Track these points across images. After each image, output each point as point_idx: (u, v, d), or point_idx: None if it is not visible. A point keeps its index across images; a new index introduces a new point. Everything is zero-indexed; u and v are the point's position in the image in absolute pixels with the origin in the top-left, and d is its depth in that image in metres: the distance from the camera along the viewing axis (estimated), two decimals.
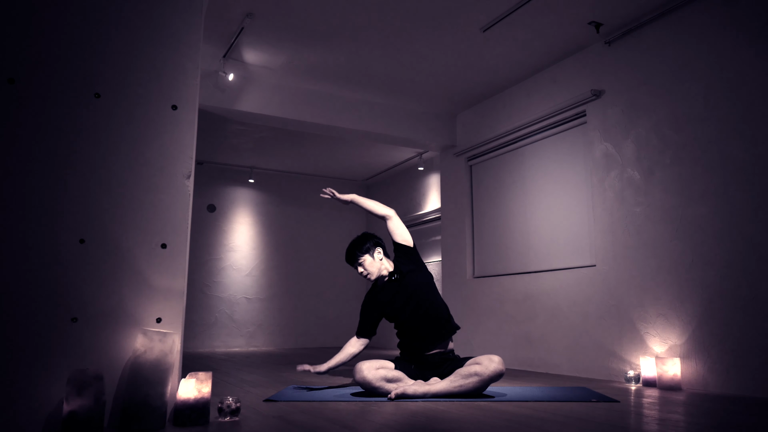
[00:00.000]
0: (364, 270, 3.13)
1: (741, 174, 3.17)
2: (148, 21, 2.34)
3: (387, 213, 3.21)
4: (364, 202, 3.27)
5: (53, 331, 2.00)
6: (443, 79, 4.86)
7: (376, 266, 3.14)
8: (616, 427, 2.14)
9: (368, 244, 3.16)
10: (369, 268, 3.13)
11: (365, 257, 3.13)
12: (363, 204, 3.27)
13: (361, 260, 3.13)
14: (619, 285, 3.82)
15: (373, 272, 3.14)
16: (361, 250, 3.14)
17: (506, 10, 3.75)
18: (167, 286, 2.21)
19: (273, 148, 6.88)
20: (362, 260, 3.13)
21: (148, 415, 1.98)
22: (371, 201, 3.27)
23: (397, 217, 3.22)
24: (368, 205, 3.26)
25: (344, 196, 3.28)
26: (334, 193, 3.28)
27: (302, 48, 4.33)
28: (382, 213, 3.22)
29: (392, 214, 3.21)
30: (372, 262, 3.13)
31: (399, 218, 3.23)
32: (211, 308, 7.26)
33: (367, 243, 3.16)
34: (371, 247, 3.15)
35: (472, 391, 2.79)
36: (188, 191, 2.31)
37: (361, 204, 3.27)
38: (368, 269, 3.13)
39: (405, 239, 3.20)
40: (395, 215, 3.22)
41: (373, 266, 3.13)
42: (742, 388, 3.04)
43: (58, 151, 2.11)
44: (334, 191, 3.28)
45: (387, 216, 3.21)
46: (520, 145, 4.93)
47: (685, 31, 3.55)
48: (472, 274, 5.37)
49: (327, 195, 3.30)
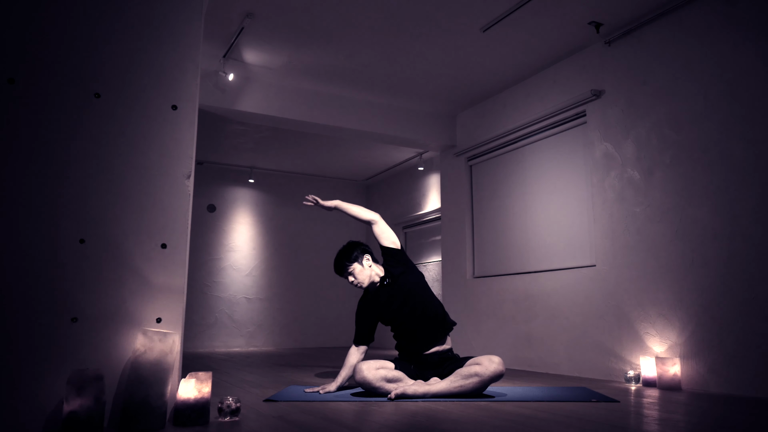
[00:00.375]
0: (354, 279, 3.08)
1: (741, 174, 3.17)
2: (148, 21, 2.34)
3: (372, 218, 3.18)
4: (348, 208, 3.22)
5: (53, 331, 2.00)
6: (443, 79, 4.86)
7: (366, 273, 3.09)
8: (616, 427, 2.14)
9: (356, 252, 3.11)
10: (359, 277, 3.08)
11: (354, 266, 3.08)
12: (347, 210, 3.21)
13: (351, 269, 3.08)
14: (619, 285, 3.82)
15: (363, 280, 3.09)
16: (350, 260, 3.09)
17: (506, 10, 3.75)
18: (167, 286, 2.21)
19: (273, 148, 6.87)
20: (352, 269, 3.08)
21: (148, 415, 1.98)
22: (356, 206, 3.23)
23: (382, 220, 3.19)
24: (353, 211, 3.21)
25: (328, 203, 3.22)
26: (317, 200, 3.20)
27: (302, 48, 4.33)
28: (368, 218, 3.18)
29: (377, 219, 3.18)
30: (362, 269, 3.09)
31: (384, 221, 3.20)
32: (211, 308, 7.26)
33: (355, 251, 3.11)
34: (359, 255, 3.11)
35: (472, 391, 2.80)
36: (188, 191, 2.31)
37: (346, 210, 3.21)
38: (358, 278, 3.08)
39: (393, 242, 3.17)
40: (380, 219, 3.19)
41: (363, 274, 3.09)
42: (742, 388, 3.04)
43: (58, 151, 2.11)
44: (317, 198, 3.20)
45: (372, 221, 3.18)
46: (520, 145, 4.93)
47: (685, 31, 3.55)
48: (472, 274, 5.37)
49: (310, 202, 3.21)
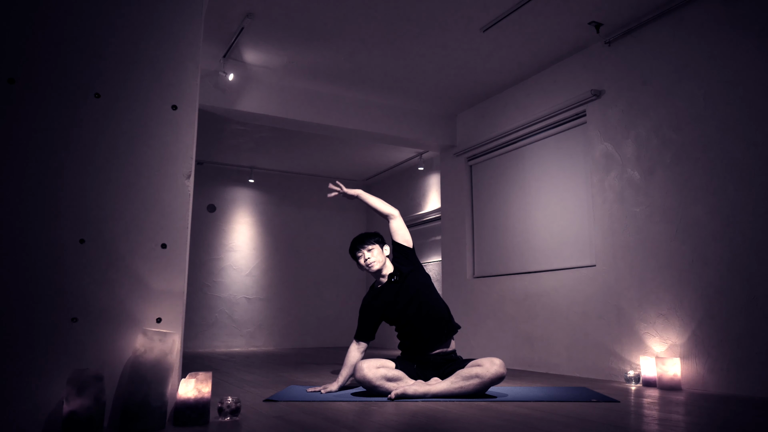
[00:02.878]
0: (371, 257, 3.13)
1: (741, 174, 3.17)
2: (148, 21, 2.34)
3: (391, 212, 3.24)
4: (369, 198, 3.29)
5: (53, 331, 2.00)
6: (443, 79, 4.86)
7: (381, 258, 3.16)
8: (616, 427, 2.14)
9: (379, 237, 3.23)
10: (377, 257, 3.14)
11: (376, 246, 3.17)
12: (368, 200, 3.28)
13: (372, 247, 3.15)
14: (619, 285, 3.82)
15: (376, 262, 3.13)
16: (374, 238, 3.20)
17: (506, 10, 3.75)
18: (167, 286, 2.20)
19: (273, 148, 6.87)
20: (372, 248, 3.15)
21: (148, 415, 1.98)
22: (376, 198, 3.29)
23: (400, 217, 3.26)
24: (373, 202, 3.27)
25: (351, 191, 3.31)
26: (341, 187, 3.30)
27: (302, 48, 4.33)
28: (387, 211, 3.24)
29: (396, 214, 3.25)
30: (380, 252, 3.17)
31: (402, 219, 3.27)
32: (211, 308, 7.26)
33: (379, 236, 3.23)
34: (382, 240, 3.23)
35: (472, 392, 2.80)
36: (188, 191, 2.31)
37: (367, 200, 3.28)
38: (374, 257, 3.13)
39: (406, 239, 3.24)
40: (399, 215, 3.26)
41: (380, 256, 3.15)
42: (742, 388, 3.04)
43: (58, 151, 2.11)
44: (341, 185, 3.30)
45: (391, 215, 3.24)
46: (520, 145, 4.93)
47: (685, 31, 3.55)
48: (472, 274, 5.37)
49: (336, 189, 3.31)
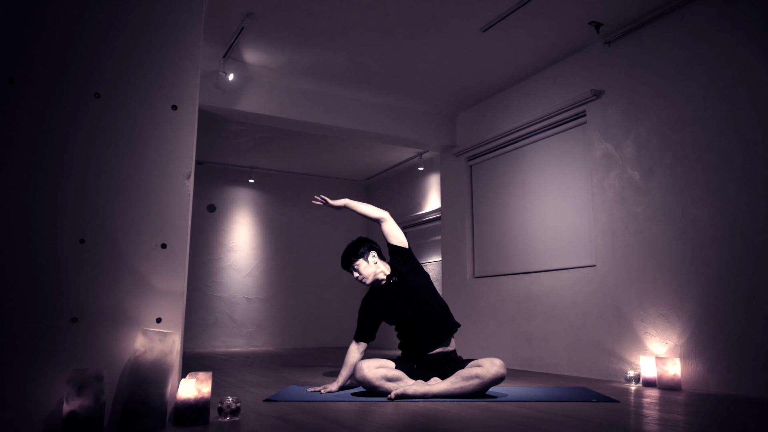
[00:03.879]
0: (359, 275, 3.13)
1: (741, 174, 3.17)
2: (148, 21, 2.34)
3: (381, 215, 3.22)
4: (357, 206, 3.25)
5: (53, 331, 2.00)
6: (443, 79, 4.86)
7: (371, 270, 3.13)
8: (616, 427, 2.14)
9: (362, 248, 3.15)
10: (364, 272, 3.12)
11: (360, 261, 3.13)
12: (356, 208, 3.25)
13: (356, 265, 3.12)
14: (619, 285, 3.82)
15: (368, 276, 3.13)
16: (356, 255, 3.13)
17: (506, 10, 3.75)
18: (167, 286, 2.21)
19: (273, 148, 6.87)
20: (357, 265, 3.12)
21: (148, 415, 1.98)
22: (364, 204, 3.27)
23: (391, 219, 3.23)
24: (362, 209, 3.24)
25: (336, 202, 3.26)
26: (326, 199, 3.24)
27: (302, 48, 4.33)
28: (377, 216, 3.22)
29: (386, 217, 3.22)
30: (366, 266, 3.13)
31: (393, 220, 3.24)
32: (211, 308, 7.26)
33: (362, 248, 3.16)
34: (365, 252, 3.15)
35: (472, 393, 2.80)
36: (188, 191, 2.31)
37: (355, 208, 3.25)
38: (363, 273, 3.12)
39: (400, 241, 3.22)
40: (389, 217, 3.23)
41: (367, 270, 3.13)
42: (742, 388, 3.04)
43: (58, 151, 2.11)
44: (326, 198, 3.24)
45: (381, 218, 3.21)
46: (520, 145, 4.93)
47: (685, 31, 3.55)
48: (472, 274, 5.37)
49: (319, 202, 3.26)
